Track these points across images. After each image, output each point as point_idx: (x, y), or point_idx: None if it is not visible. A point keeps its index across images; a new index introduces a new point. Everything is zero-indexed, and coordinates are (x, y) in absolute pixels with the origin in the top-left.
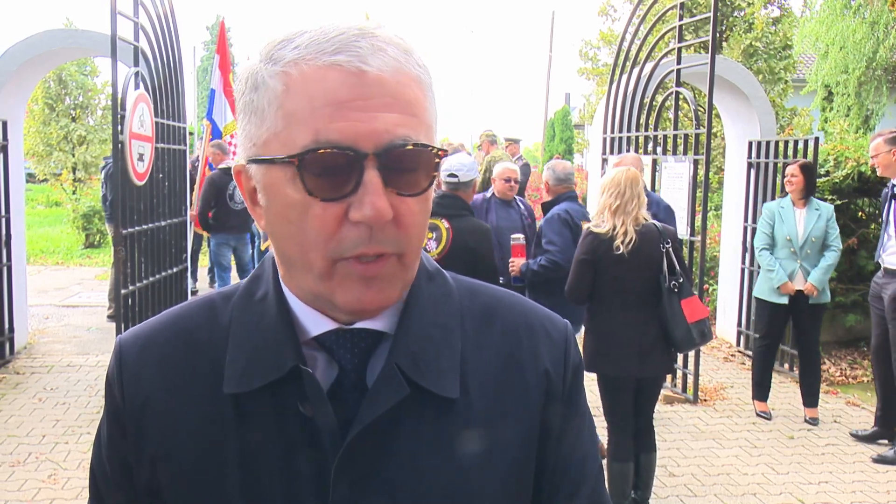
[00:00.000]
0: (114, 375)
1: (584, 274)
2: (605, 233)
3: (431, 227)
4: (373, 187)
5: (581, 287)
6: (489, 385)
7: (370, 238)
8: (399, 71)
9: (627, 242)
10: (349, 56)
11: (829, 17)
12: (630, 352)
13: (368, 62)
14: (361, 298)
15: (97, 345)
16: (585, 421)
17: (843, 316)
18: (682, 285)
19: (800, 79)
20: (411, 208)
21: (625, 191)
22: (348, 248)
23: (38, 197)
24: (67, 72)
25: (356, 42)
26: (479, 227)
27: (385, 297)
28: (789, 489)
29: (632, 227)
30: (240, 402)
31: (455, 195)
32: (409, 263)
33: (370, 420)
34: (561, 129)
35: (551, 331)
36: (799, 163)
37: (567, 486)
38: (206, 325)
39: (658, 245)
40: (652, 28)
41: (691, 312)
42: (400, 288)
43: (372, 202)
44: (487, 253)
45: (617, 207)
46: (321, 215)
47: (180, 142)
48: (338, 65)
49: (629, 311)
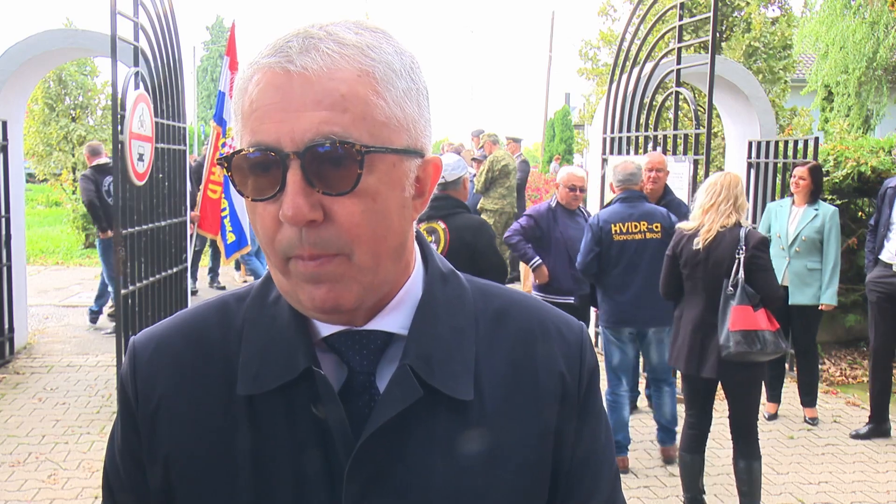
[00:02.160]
0: (127, 376)
1: (669, 269)
2: (689, 229)
3: (430, 231)
4: (291, 187)
5: (667, 282)
6: (503, 387)
7: (300, 239)
8: (331, 67)
9: (706, 239)
10: (279, 57)
11: (829, 17)
12: (692, 351)
13: (294, 61)
14: (313, 297)
15: (97, 345)
16: (601, 424)
17: (843, 316)
18: (737, 292)
19: (800, 79)
20: (347, 208)
21: (720, 191)
22: (286, 249)
23: (38, 197)
24: (67, 72)
25: (289, 43)
26: (474, 222)
27: (336, 296)
28: (789, 489)
29: (717, 225)
30: (253, 404)
31: (446, 195)
32: (364, 264)
33: (383, 422)
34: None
35: (566, 333)
36: (808, 165)
37: (582, 490)
38: (219, 327)
39: (734, 250)
40: (652, 28)
41: (736, 320)
42: (356, 289)
43: (290, 201)
44: (486, 247)
45: (710, 206)
46: (262, 215)
47: (180, 142)
48: (269, 67)
49: (698, 309)
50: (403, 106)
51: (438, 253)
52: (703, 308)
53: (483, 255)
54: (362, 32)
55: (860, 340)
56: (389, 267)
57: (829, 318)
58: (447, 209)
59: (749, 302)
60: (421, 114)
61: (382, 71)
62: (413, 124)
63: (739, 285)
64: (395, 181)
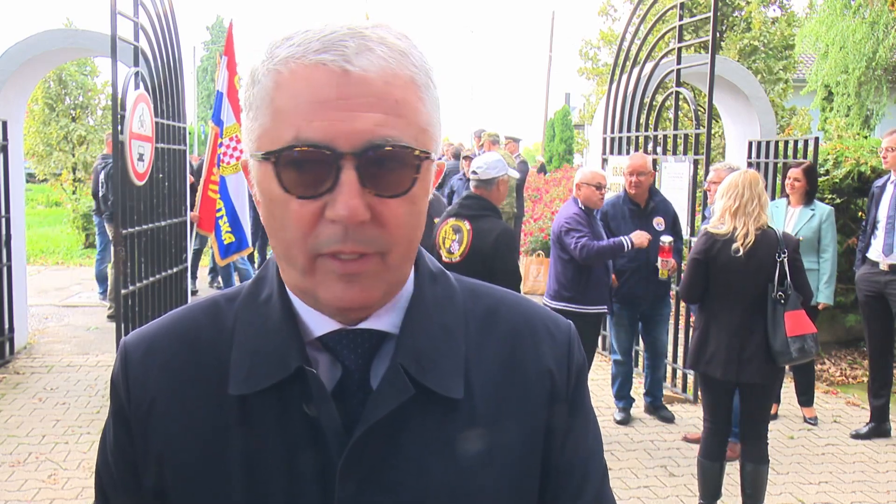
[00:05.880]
0: (119, 377)
1: (697, 273)
2: (723, 234)
3: (456, 229)
4: (348, 187)
5: (694, 286)
6: (492, 385)
7: (346, 237)
8: (387, 71)
9: (746, 244)
10: (334, 55)
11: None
12: (730, 356)
13: (353, 62)
14: (342, 296)
15: (97, 345)
16: (590, 421)
17: (843, 316)
18: (789, 297)
19: (800, 79)
20: (393, 210)
21: (743, 192)
22: (324, 245)
23: (38, 197)
24: (67, 72)
25: (343, 41)
26: (498, 227)
27: (366, 295)
28: (789, 489)
29: (753, 228)
30: (245, 404)
31: (478, 195)
32: (395, 264)
33: (375, 420)
34: (561, 129)
35: (554, 331)
36: (803, 167)
37: (571, 487)
38: (210, 327)
39: (774, 253)
40: (652, 28)
41: (793, 326)
42: (383, 287)
43: (346, 202)
44: (503, 253)
45: (737, 209)
46: (298, 211)
47: (180, 142)
48: (322, 63)
49: (735, 315)
50: (434, 113)
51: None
52: (740, 313)
53: (500, 259)
54: (402, 37)
55: (860, 340)
56: (408, 268)
57: (829, 318)
58: (476, 209)
59: (799, 307)
60: (440, 119)
61: (422, 78)
62: (437, 130)
63: (790, 289)
64: (426, 185)
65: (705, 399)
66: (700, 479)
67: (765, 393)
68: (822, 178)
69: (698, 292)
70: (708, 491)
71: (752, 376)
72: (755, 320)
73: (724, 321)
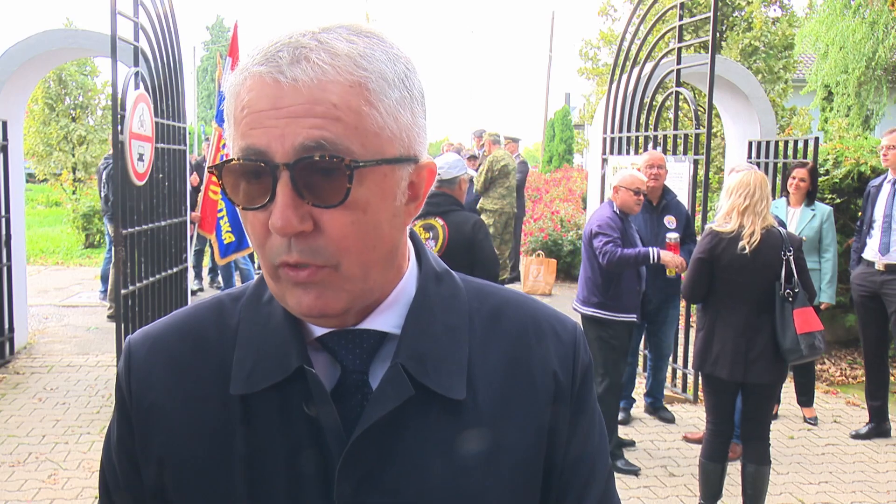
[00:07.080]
0: (123, 376)
1: (700, 272)
2: (728, 232)
3: (428, 227)
4: (281, 198)
5: (697, 285)
6: (496, 386)
7: (289, 247)
8: (321, 78)
9: (752, 243)
10: (269, 67)
11: (829, 17)
12: (737, 356)
13: (284, 72)
14: (301, 302)
15: (97, 345)
16: (595, 422)
17: (843, 316)
18: (797, 295)
19: (800, 79)
20: (336, 220)
21: (754, 191)
22: (275, 255)
23: (38, 197)
24: (67, 72)
25: (279, 52)
26: (471, 218)
27: (323, 303)
28: (789, 489)
29: (759, 228)
30: (247, 403)
31: (443, 192)
32: (352, 274)
33: (374, 420)
34: (561, 129)
35: (560, 331)
36: (808, 167)
37: (576, 488)
38: (214, 327)
39: (780, 251)
40: (652, 28)
41: (803, 323)
42: (344, 297)
43: (279, 213)
44: (481, 241)
45: (746, 208)
46: (252, 222)
47: (180, 142)
48: (259, 75)
49: (741, 314)
50: (397, 116)
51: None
52: (746, 312)
53: (480, 246)
54: (355, 40)
55: (860, 340)
56: (379, 274)
57: (830, 318)
58: (444, 206)
59: (807, 304)
60: (415, 121)
61: (375, 81)
62: (407, 132)
63: (798, 287)
64: (386, 191)
65: (709, 400)
66: (701, 480)
67: (769, 393)
68: (822, 178)
69: (701, 291)
70: (709, 492)
71: (759, 376)
72: (761, 319)
73: (730, 321)
